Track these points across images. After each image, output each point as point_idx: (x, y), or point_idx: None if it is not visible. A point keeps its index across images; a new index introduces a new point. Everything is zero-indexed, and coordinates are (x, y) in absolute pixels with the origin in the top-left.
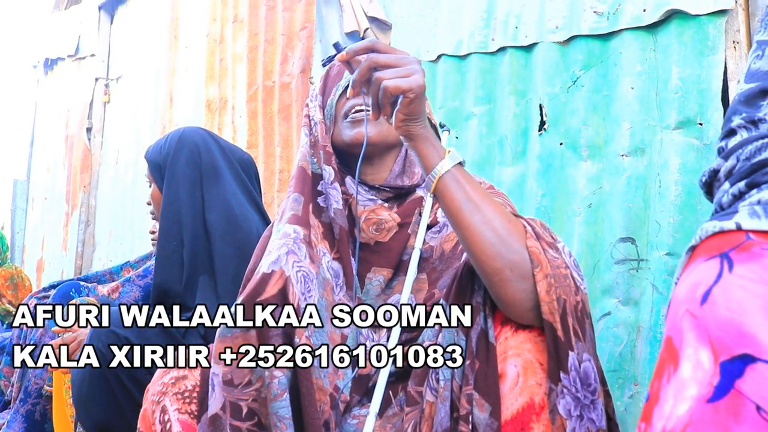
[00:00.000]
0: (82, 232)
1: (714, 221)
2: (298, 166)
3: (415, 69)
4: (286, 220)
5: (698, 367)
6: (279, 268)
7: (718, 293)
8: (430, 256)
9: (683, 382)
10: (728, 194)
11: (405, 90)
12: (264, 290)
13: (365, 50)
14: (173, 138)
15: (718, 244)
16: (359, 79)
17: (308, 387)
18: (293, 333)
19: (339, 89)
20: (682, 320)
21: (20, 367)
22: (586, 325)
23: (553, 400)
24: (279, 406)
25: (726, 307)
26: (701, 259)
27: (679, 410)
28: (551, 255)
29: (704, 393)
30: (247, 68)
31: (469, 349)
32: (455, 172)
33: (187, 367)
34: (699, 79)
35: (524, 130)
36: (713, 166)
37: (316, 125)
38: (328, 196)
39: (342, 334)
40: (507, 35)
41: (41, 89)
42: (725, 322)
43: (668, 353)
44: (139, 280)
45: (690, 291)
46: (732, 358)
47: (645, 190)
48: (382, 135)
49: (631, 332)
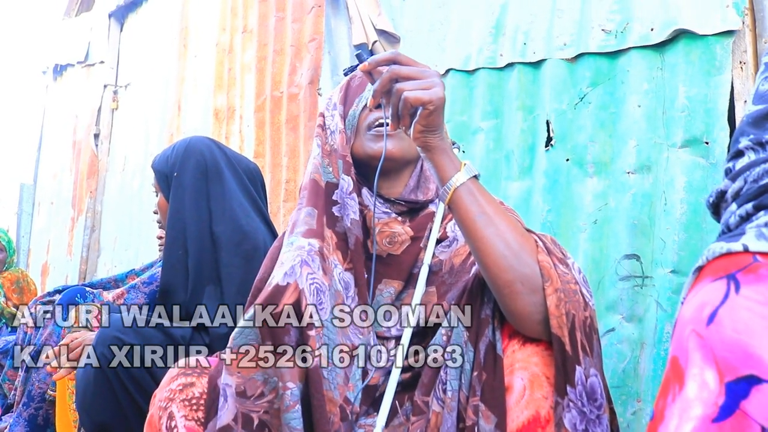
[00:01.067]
0: (88, 238)
1: (721, 242)
2: (309, 178)
3: (436, 82)
4: (301, 233)
5: (704, 387)
6: (294, 280)
7: (725, 314)
8: (439, 270)
9: (688, 401)
10: (735, 215)
11: (425, 102)
12: (279, 302)
13: (387, 61)
14: (180, 148)
15: (725, 265)
16: (380, 90)
17: (319, 399)
18: (306, 345)
19: (362, 100)
20: (688, 340)
21: (23, 370)
22: (594, 341)
23: (559, 414)
24: (291, 417)
25: (732, 328)
26: (708, 279)
27: (683, 429)
28: (561, 270)
29: (709, 413)
30: (255, 78)
31: (477, 361)
32: (470, 184)
33: (194, 374)
34: (705, 98)
35: (531, 146)
36: (720, 187)
37: (334, 134)
38: (345, 206)
39: (353, 345)
40: (515, 51)
41: (50, 95)
42: (731, 342)
43: (674, 373)
44: (144, 287)
45: (696, 311)
46: (737, 378)
47: (651, 207)
48: (402, 150)
49: (634, 349)
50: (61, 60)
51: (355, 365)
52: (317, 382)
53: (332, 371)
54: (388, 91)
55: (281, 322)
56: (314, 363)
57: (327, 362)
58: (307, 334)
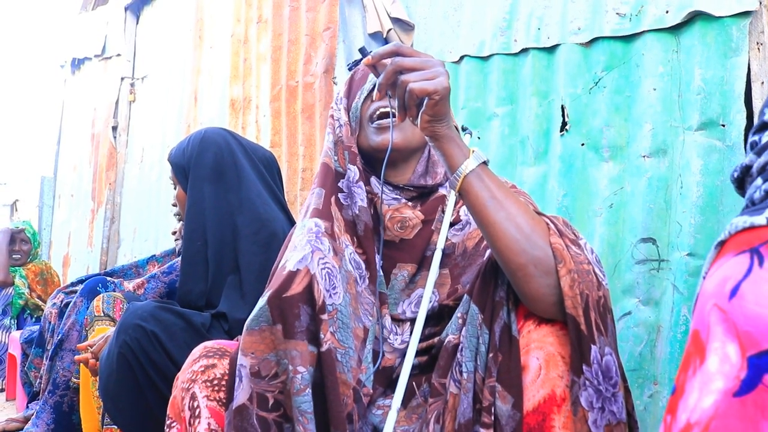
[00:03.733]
0: (108, 229)
1: (744, 216)
2: (321, 162)
3: (440, 71)
4: (309, 214)
5: (725, 360)
6: (305, 266)
7: (748, 288)
8: (452, 253)
9: (709, 375)
10: (761, 190)
11: (431, 92)
12: (290, 287)
13: (390, 54)
14: (195, 139)
15: (748, 239)
16: (385, 83)
17: (333, 381)
18: (318, 329)
19: (364, 92)
20: (710, 314)
21: (47, 358)
22: (608, 320)
23: (576, 392)
24: (301, 400)
25: (755, 302)
26: (731, 254)
27: (704, 403)
28: (574, 251)
29: (731, 386)
30: (270, 68)
31: (492, 343)
32: (480, 171)
33: (216, 356)
34: (722, 80)
35: (546, 131)
36: (745, 161)
37: (341, 127)
38: (353, 194)
39: (365, 328)
40: (529, 36)
41: (68, 88)
42: (754, 316)
43: (695, 346)
44: (164, 277)
45: (719, 285)
46: (760, 352)
47: (666, 191)
48: (406, 140)
49: (651, 332)
50: (78, 54)
51: (367, 347)
52: (330, 366)
53: (345, 354)
54: (393, 84)
55: (292, 308)
56: (327, 347)
57: (341, 345)
58: (319, 318)
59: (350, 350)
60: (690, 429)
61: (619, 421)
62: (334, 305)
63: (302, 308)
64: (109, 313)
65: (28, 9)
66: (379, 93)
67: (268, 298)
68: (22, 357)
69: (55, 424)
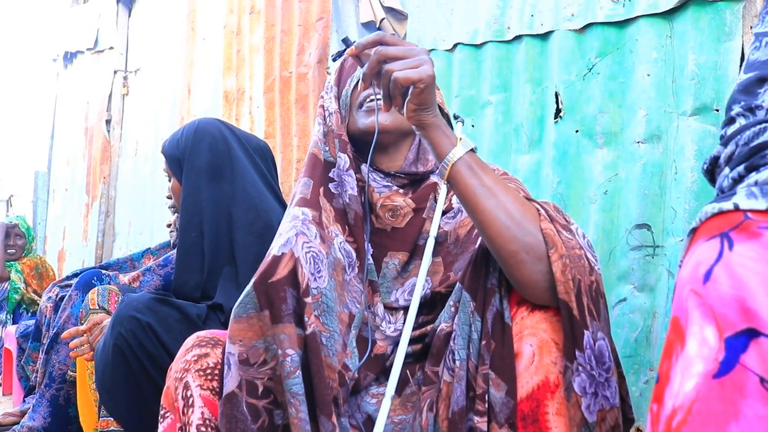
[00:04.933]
0: (102, 223)
1: (714, 203)
2: (309, 153)
3: (424, 59)
4: (296, 203)
5: (704, 344)
6: (289, 249)
7: (720, 271)
8: (445, 241)
9: (689, 359)
10: (728, 179)
11: (415, 81)
12: (275, 272)
13: (374, 44)
14: (189, 130)
15: (718, 224)
16: (369, 73)
17: (318, 365)
18: (303, 312)
19: (353, 80)
20: (687, 300)
21: (43, 352)
22: (601, 305)
23: (569, 378)
24: (292, 383)
25: (728, 285)
26: (702, 239)
27: (686, 387)
28: (565, 236)
29: (710, 369)
30: (264, 59)
31: (485, 330)
32: (468, 158)
33: (209, 345)
34: (716, 65)
35: (540, 118)
36: (714, 153)
37: (331, 115)
38: (343, 183)
39: (350, 314)
40: (523, 23)
41: (61, 82)
42: (728, 299)
43: (675, 333)
44: (160, 270)
45: (693, 271)
46: (736, 333)
47: (661, 176)
48: (396, 122)
49: (646, 318)
50: (70, 47)
51: (352, 333)
52: (315, 349)
53: (330, 338)
54: (378, 73)
55: (278, 292)
56: (311, 330)
57: (325, 328)
58: (304, 302)
59: (335, 334)
60: (675, 414)
61: (613, 406)
62: (319, 289)
63: (288, 291)
64: (104, 305)
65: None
66: (364, 83)
67: (254, 283)
68: (18, 351)
69: (52, 418)
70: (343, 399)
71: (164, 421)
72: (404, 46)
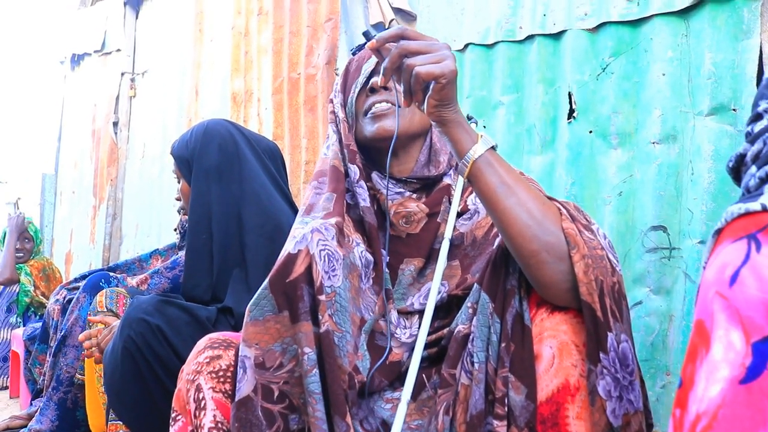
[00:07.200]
0: (110, 225)
1: (740, 204)
2: (330, 165)
3: (447, 54)
4: (320, 218)
5: (730, 348)
6: (305, 246)
7: (747, 274)
8: (461, 243)
9: (715, 363)
10: (755, 178)
11: (437, 76)
12: (292, 270)
13: (395, 38)
14: (198, 132)
15: (744, 225)
16: (390, 67)
17: (331, 364)
18: (317, 310)
19: (358, 86)
20: (712, 302)
21: (51, 355)
22: (623, 306)
23: (593, 381)
24: (310, 381)
25: (756, 287)
26: (728, 241)
27: (711, 392)
28: (587, 236)
29: (736, 374)
30: (272, 60)
31: (504, 332)
32: (488, 156)
33: (221, 347)
34: (733, 63)
35: (553, 119)
36: (740, 150)
37: (340, 123)
38: (355, 194)
39: (362, 318)
40: (535, 23)
41: (68, 85)
42: (756, 301)
43: (700, 336)
44: (168, 272)
45: (718, 273)
46: (764, 338)
47: (677, 177)
48: (404, 126)
49: (663, 321)
50: (78, 49)
51: (363, 336)
52: (329, 347)
53: (342, 338)
54: (398, 68)
55: (296, 290)
56: (324, 328)
57: (338, 328)
58: (318, 300)
59: (347, 334)
60: (699, 420)
61: (637, 410)
62: (333, 287)
63: (305, 289)
64: (112, 308)
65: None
66: (384, 78)
67: (270, 283)
68: (25, 354)
69: (59, 421)
70: (352, 402)
71: (175, 424)
72: (426, 40)
